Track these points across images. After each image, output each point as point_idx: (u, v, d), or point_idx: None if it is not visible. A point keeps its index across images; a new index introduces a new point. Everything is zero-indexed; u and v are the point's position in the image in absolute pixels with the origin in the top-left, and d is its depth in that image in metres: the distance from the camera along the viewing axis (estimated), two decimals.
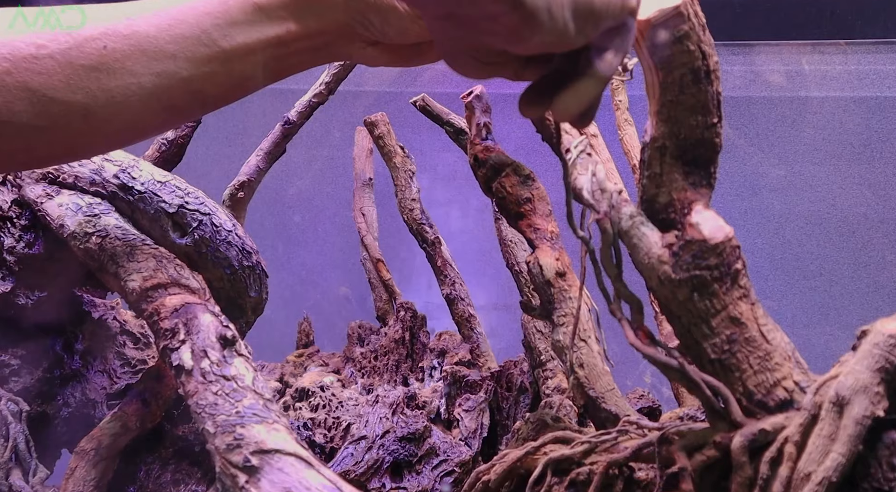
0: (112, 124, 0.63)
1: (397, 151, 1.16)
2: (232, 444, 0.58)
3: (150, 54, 0.61)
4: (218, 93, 0.65)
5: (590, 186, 0.61)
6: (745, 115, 1.47)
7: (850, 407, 0.50)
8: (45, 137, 0.62)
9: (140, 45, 0.61)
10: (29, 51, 0.60)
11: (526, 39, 0.51)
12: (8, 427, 0.86)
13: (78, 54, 0.60)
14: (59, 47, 0.60)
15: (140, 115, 0.63)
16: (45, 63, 0.60)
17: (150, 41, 0.61)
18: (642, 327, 0.58)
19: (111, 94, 0.61)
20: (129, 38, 0.61)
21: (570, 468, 0.62)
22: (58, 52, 0.60)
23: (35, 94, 0.60)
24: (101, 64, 0.60)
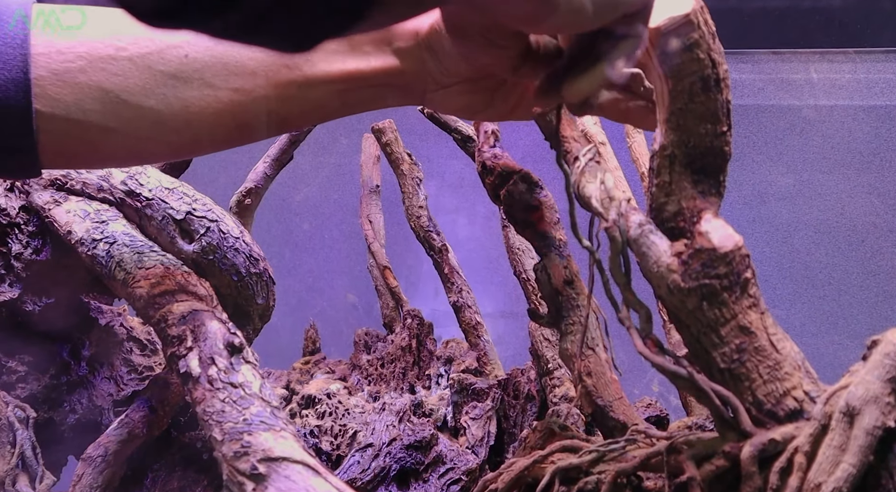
0: (181, 134, 0.63)
1: (405, 158, 1.16)
2: (239, 451, 0.58)
3: (230, 68, 0.61)
4: (289, 116, 0.64)
5: (598, 194, 0.61)
6: (753, 124, 1.47)
7: (861, 417, 0.50)
8: (112, 139, 0.62)
9: (222, 59, 0.61)
10: (108, 51, 0.59)
11: (543, 19, 0.50)
12: (15, 434, 0.86)
13: (158, 60, 0.60)
14: (140, 51, 0.60)
15: (211, 128, 0.63)
16: (123, 65, 0.59)
17: (233, 56, 0.61)
18: (651, 336, 0.57)
19: (186, 104, 0.61)
20: (211, 49, 0.61)
21: (577, 477, 0.62)
22: (137, 55, 0.60)
23: (108, 95, 0.60)
24: (179, 72, 0.60)
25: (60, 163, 0.71)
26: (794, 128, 1.51)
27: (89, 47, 0.60)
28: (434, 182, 1.20)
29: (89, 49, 0.59)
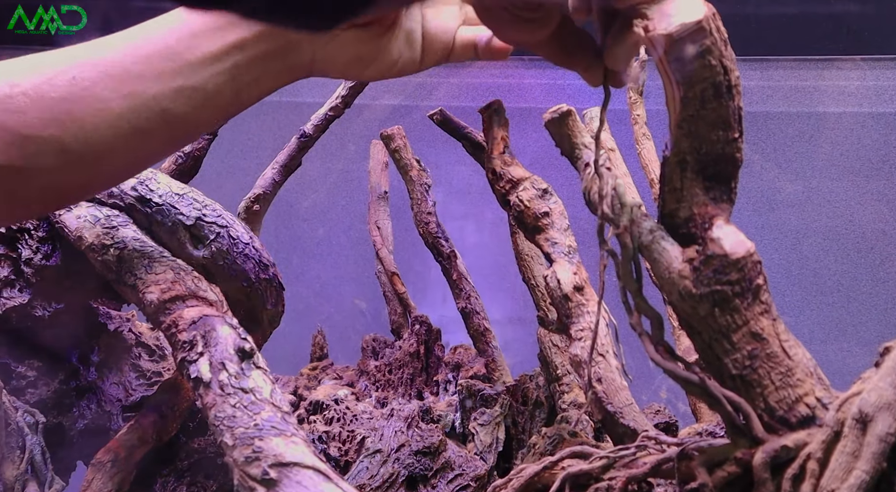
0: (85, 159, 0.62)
1: (413, 164, 1.16)
2: (250, 456, 0.58)
3: (116, 77, 0.61)
4: (185, 111, 0.64)
5: (609, 200, 0.61)
6: (762, 131, 1.47)
7: (874, 424, 0.50)
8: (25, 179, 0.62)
9: (107, 70, 0.61)
10: (3, 91, 0.60)
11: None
12: (24, 439, 0.86)
13: (49, 88, 0.60)
14: (31, 83, 0.60)
15: (111, 142, 0.62)
16: (19, 101, 0.60)
17: (117, 64, 0.61)
18: (662, 342, 0.57)
19: (81, 123, 0.61)
20: (97, 64, 0.61)
21: (588, 483, 0.61)
22: (30, 88, 0.60)
23: (11, 134, 0.60)
24: (70, 94, 0.61)
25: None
26: (803, 135, 1.51)
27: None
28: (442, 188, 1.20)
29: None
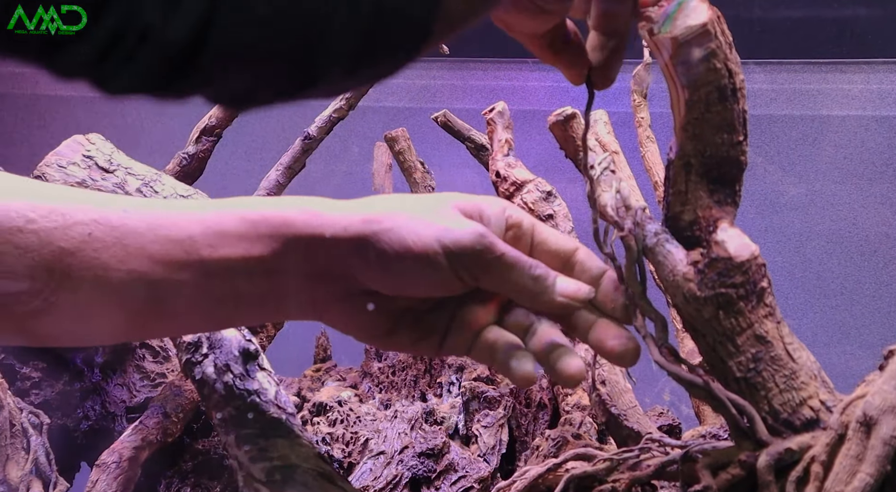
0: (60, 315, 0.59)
1: (417, 166, 1.16)
2: (256, 458, 0.58)
3: (130, 251, 0.58)
4: (180, 310, 0.61)
5: (614, 202, 0.61)
6: (765, 134, 1.47)
7: (878, 427, 0.50)
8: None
9: (123, 239, 0.58)
10: (17, 223, 0.57)
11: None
12: (28, 440, 0.87)
13: (62, 236, 0.58)
14: (47, 225, 0.57)
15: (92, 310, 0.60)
16: (28, 238, 0.57)
17: (136, 237, 0.58)
18: (666, 345, 0.58)
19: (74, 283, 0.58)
20: (116, 229, 0.58)
21: (592, 486, 0.62)
22: (44, 229, 0.57)
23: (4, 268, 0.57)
24: (78, 250, 0.58)
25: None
26: (806, 138, 1.51)
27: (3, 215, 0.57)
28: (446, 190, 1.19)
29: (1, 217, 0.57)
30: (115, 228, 0.58)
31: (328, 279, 0.60)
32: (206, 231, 0.59)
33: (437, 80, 1.57)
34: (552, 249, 0.62)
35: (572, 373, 0.59)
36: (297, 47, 0.42)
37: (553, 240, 0.62)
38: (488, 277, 0.58)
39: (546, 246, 0.62)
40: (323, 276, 0.60)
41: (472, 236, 0.57)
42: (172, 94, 0.44)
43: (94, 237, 0.58)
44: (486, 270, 0.58)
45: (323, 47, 0.43)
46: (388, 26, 0.44)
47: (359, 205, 0.60)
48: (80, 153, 0.88)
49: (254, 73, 0.43)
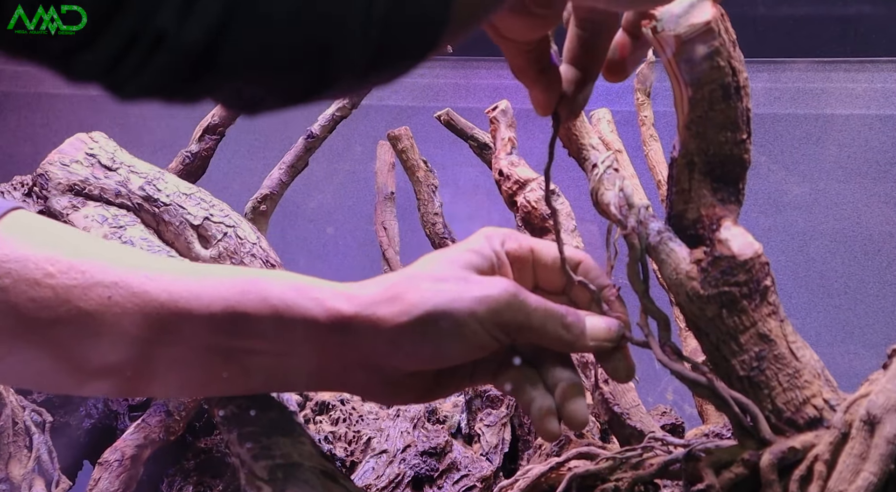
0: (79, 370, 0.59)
1: (420, 165, 1.16)
2: (258, 455, 0.58)
3: (150, 321, 0.57)
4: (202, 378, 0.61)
5: (617, 201, 0.61)
6: (768, 133, 1.46)
7: (882, 426, 0.50)
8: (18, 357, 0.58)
9: (144, 308, 0.57)
10: (34, 276, 0.56)
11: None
12: (31, 438, 0.87)
13: (80, 295, 0.56)
14: (66, 282, 0.56)
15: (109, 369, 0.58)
16: (44, 293, 0.56)
17: (156, 306, 0.57)
18: (669, 343, 0.58)
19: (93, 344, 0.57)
20: (136, 296, 0.57)
21: (595, 484, 0.61)
22: (62, 286, 0.56)
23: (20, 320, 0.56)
24: (97, 313, 0.56)
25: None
26: (810, 137, 1.51)
27: (22, 265, 0.56)
28: (449, 189, 1.19)
29: (21, 267, 0.56)
30: (136, 294, 0.57)
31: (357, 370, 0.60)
32: (228, 310, 0.57)
33: (441, 79, 1.57)
34: (554, 270, 0.62)
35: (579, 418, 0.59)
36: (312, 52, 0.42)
37: (553, 261, 0.62)
38: (524, 335, 0.58)
39: (548, 268, 0.62)
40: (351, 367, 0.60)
41: (505, 299, 0.57)
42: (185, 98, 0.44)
43: (114, 302, 0.56)
44: (521, 329, 0.57)
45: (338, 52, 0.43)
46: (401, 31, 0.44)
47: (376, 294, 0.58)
48: (83, 151, 0.88)
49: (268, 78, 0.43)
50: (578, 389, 0.59)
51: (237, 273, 0.64)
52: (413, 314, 0.56)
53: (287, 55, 0.42)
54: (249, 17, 0.40)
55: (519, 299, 0.57)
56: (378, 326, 0.57)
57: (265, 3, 0.40)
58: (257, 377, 0.60)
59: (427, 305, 0.56)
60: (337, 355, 0.59)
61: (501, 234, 0.62)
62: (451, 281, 0.57)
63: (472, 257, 0.59)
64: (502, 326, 0.57)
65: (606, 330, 0.59)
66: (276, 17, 0.41)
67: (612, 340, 0.59)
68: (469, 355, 0.58)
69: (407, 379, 0.60)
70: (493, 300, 0.56)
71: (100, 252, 0.60)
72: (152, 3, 0.39)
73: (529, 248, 0.62)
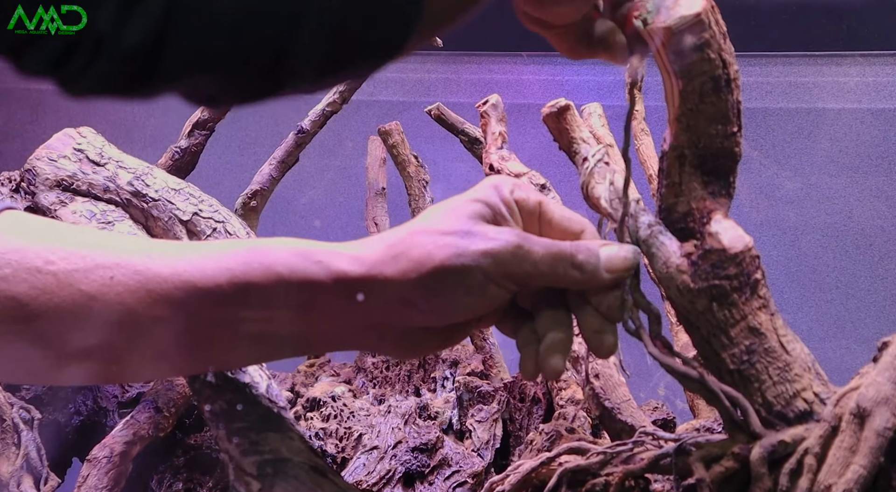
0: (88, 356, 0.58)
1: (411, 160, 1.16)
2: (247, 451, 0.58)
3: (155, 296, 0.57)
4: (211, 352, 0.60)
5: (608, 195, 0.61)
6: (760, 127, 1.46)
7: (872, 419, 0.50)
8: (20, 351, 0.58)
9: (147, 285, 0.57)
10: (35, 263, 0.56)
11: None
12: (19, 435, 0.86)
13: (81, 278, 0.56)
14: (67, 267, 0.56)
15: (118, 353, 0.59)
16: (45, 279, 0.56)
17: (159, 282, 0.57)
18: (660, 338, 0.57)
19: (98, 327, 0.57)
20: (139, 274, 0.57)
21: (585, 479, 0.61)
22: (63, 271, 0.56)
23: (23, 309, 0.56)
24: (100, 293, 0.56)
25: None
26: (801, 131, 1.51)
27: (21, 255, 0.56)
28: (440, 185, 1.19)
29: (20, 257, 0.56)
30: (139, 272, 0.57)
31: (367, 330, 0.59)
32: (234, 280, 0.57)
33: (431, 74, 1.57)
34: (558, 228, 0.61)
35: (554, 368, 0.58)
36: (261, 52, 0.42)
37: (558, 219, 0.61)
38: (535, 281, 0.57)
39: (552, 226, 0.61)
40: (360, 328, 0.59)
41: (510, 250, 0.56)
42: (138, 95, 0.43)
43: (117, 281, 0.56)
44: (529, 277, 0.57)
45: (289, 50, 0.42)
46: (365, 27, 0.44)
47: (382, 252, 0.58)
48: (71, 146, 0.88)
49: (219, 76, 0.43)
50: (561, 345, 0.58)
51: (239, 244, 0.63)
52: (420, 272, 0.56)
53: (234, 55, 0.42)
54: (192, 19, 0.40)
55: (524, 249, 0.56)
56: (385, 286, 0.56)
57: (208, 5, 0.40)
58: (266, 346, 0.60)
59: (433, 261, 0.56)
60: (346, 317, 0.58)
61: (511, 182, 0.61)
62: (455, 235, 0.56)
63: (477, 207, 0.58)
64: (510, 277, 0.56)
65: (623, 259, 0.57)
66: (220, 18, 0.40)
67: (629, 269, 0.57)
68: (480, 308, 0.58)
69: (419, 333, 0.59)
70: (496, 253, 0.55)
71: (98, 239, 0.60)
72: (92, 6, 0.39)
73: (538, 201, 0.60)
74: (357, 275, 0.57)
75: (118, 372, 0.64)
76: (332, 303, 0.58)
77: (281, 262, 0.57)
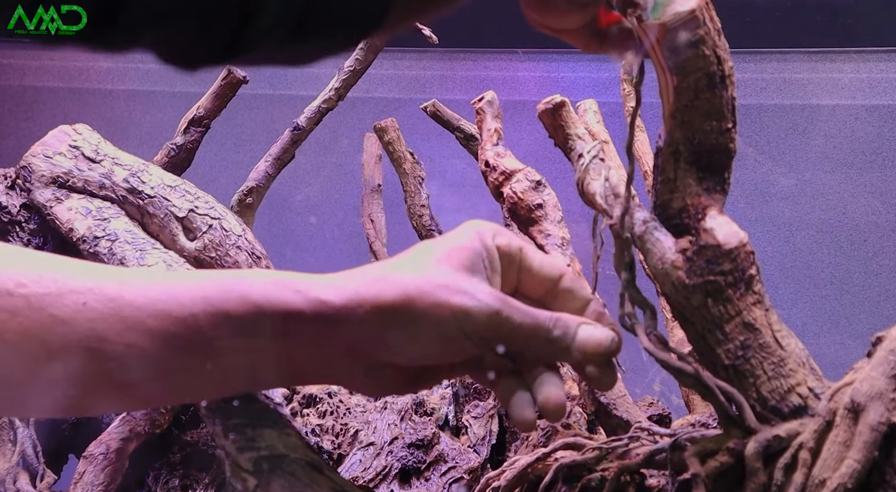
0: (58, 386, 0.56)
1: (407, 157, 1.16)
2: (243, 447, 0.58)
3: (128, 324, 0.55)
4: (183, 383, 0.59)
5: (603, 191, 0.61)
6: (755, 123, 1.47)
7: (866, 413, 0.50)
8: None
9: (120, 312, 0.55)
10: (6, 286, 0.55)
11: None
12: (15, 432, 0.86)
13: (53, 302, 0.55)
14: (39, 290, 0.55)
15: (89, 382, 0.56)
16: (16, 302, 0.54)
17: (133, 310, 0.55)
18: (655, 333, 0.57)
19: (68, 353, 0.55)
20: (112, 301, 0.55)
21: (581, 475, 0.62)
22: (35, 294, 0.55)
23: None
24: (72, 320, 0.55)
25: None
26: (796, 127, 1.51)
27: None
28: (436, 181, 1.19)
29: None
30: (112, 299, 0.56)
31: (341, 360, 0.59)
32: (209, 310, 0.56)
33: (427, 71, 1.57)
34: (537, 277, 0.61)
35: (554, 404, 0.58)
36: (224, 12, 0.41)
37: (538, 267, 0.61)
38: (508, 345, 0.58)
39: (531, 273, 0.61)
40: (335, 358, 0.59)
41: (487, 314, 0.56)
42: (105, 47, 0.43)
43: (89, 307, 0.55)
44: (504, 341, 0.57)
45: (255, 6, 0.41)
46: None
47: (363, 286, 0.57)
48: (67, 143, 0.88)
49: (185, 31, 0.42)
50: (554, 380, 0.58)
51: (216, 275, 0.63)
52: (397, 312, 0.56)
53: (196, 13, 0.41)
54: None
55: (502, 316, 0.56)
56: (362, 318, 0.56)
57: None
58: (241, 377, 0.59)
59: (412, 305, 0.56)
60: (321, 347, 0.58)
61: (492, 229, 0.61)
62: (437, 286, 0.56)
63: (461, 255, 0.58)
64: (484, 338, 0.57)
65: (597, 345, 0.58)
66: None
67: (602, 355, 0.58)
68: (449, 357, 0.58)
69: (389, 370, 0.59)
70: (475, 314, 0.56)
71: (70, 265, 0.58)
72: None
73: (518, 247, 0.61)
74: (336, 303, 0.56)
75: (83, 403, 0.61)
76: (308, 331, 0.57)
77: (257, 291, 0.57)
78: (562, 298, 0.61)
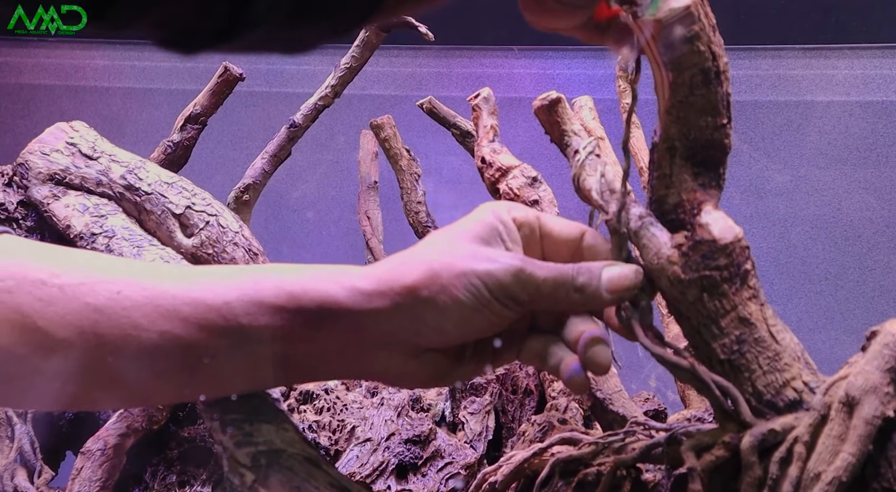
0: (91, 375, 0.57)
1: (403, 153, 1.16)
2: (241, 442, 0.58)
3: (162, 311, 0.56)
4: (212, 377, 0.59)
5: (599, 187, 0.61)
6: (750, 120, 1.47)
7: (860, 407, 0.50)
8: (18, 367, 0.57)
9: (155, 300, 0.56)
10: (39, 276, 0.56)
11: None
12: (13, 428, 0.86)
13: (87, 291, 0.56)
14: (72, 280, 0.56)
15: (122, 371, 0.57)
16: (50, 291, 0.55)
17: (169, 299, 0.56)
18: (651, 328, 0.58)
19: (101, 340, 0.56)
20: (146, 289, 0.56)
21: (577, 469, 0.62)
22: (69, 284, 0.56)
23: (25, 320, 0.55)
24: (106, 307, 0.55)
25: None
26: (790, 124, 1.51)
27: (24, 269, 0.56)
28: (432, 178, 1.19)
29: (24, 270, 0.56)
30: (146, 287, 0.56)
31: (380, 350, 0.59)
32: (244, 298, 0.56)
33: (423, 68, 1.57)
34: (559, 240, 0.61)
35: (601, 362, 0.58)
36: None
37: (558, 230, 0.61)
38: (537, 303, 0.58)
39: (552, 238, 0.61)
40: (372, 348, 0.59)
41: (511, 273, 0.57)
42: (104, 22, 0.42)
43: (124, 295, 0.56)
44: (533, 299, 0.57)
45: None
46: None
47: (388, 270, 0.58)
48: (64, 140, 0.88)
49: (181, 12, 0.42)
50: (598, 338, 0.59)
51: (247, 269, 0.63)
52: (430, 288, 0.56)
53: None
54: None
55: (526, 273, 0.57)
56: (397, 301, 0.57)
57: None
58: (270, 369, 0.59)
59: (440, 279, 0.56)
60: (358, 336, 0.58)
61: (506, 205, 0.62)
62: (459, 256, 0.57)
63: (478, 229, 0.59)
64: (513, 298, 0.57)
65: (624, 278, 0.58)
66: None
67: (632, 287, 0.58)
68: (488, 327, 0.58)
69: (429, 355, 0.59)
70: (498, 275, 0.56)
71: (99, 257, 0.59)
72: None
73: (535, 216, 0.61)
74: (371, 289, 0.57)
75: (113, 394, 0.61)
76: (345, 319, 0.57)
77: (291, 281, 0.57)
78: (588, 256, 0.61)
